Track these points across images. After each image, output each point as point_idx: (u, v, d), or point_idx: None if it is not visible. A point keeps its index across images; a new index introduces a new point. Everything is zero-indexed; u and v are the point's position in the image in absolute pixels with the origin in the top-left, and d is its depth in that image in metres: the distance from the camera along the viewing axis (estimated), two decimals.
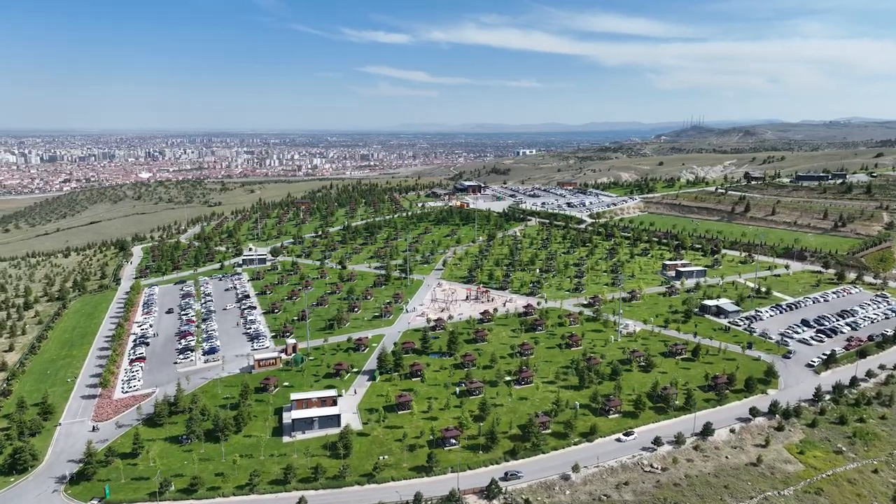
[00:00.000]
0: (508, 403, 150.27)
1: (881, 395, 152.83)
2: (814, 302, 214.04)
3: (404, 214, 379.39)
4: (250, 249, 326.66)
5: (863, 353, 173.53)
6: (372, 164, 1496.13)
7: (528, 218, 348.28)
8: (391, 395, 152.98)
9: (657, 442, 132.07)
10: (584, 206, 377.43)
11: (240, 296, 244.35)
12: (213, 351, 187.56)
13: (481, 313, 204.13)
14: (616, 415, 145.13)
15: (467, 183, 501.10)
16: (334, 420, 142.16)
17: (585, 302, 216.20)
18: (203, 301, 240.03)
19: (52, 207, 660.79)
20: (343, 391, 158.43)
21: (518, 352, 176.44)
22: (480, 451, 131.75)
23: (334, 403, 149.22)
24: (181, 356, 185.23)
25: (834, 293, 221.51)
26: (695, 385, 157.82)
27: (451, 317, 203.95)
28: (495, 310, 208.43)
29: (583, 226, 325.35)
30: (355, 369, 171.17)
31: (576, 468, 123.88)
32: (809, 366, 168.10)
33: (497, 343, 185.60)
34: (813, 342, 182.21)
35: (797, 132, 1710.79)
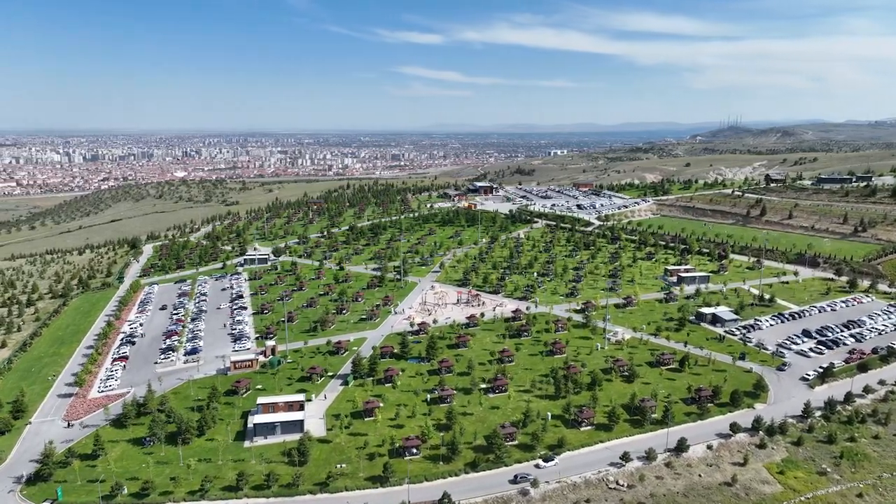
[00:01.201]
0: (479, 412, 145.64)
1: (877, 413, 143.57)
2: (819, 311, 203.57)
3: (411, 215, 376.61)
4: (255, 249, 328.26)
5: (863, 367, 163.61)
6: (402, 164, 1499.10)
7: (535, 220, 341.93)
8: (359, 400, 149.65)
9: (625, 457, 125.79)
10: (595, 208, 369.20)
11: (234, 296, 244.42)
12: (194, 351, 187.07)
13: (467, 317, 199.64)
14: (588, 427, 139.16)
15: (479, 184, 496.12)
16: (297, 425, 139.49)
17: (578, 307, 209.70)
18: (196, 300, 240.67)
19: (78, 205, 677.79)
20: (313, 396, 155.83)
21: (498, 358, 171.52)
22: (440, 462, 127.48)
23: (301, 408, 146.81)
24: (162, 356, 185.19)
25: (843, 302, 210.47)
26: (677, 397, 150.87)
27: (435, 321, 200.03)
28: (482, 314, 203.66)
29: (589, 228, 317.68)
30: (330, 373, 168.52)
31: (535, 483, 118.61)
32: (804, 379, 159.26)
33: (479, 349, 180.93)
34: (811, 354, 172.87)
35: (840, 132, 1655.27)
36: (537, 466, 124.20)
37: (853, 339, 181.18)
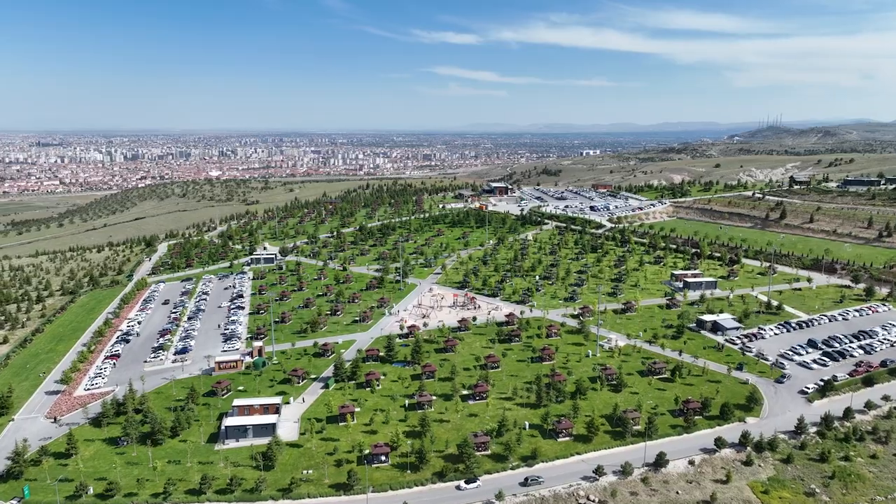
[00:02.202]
0: (455, 420, 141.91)
1: (877, 431, 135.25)
2: (830, 320, 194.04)
3: (422, 216, 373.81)
4: (264, 248, 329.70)
5: (869, 381, 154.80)
6: (433, 163, 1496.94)
7: (545, 221, 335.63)
8: (334, 405, 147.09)
9: (599, 471, 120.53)
10: (608, 209, 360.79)
11: (234, 295, 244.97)
12: (184, 351, 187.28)
13: (459, 321, 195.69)
14: (566, 438, 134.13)
15: (495, 184, 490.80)
16: (269, 429, 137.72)
17: (575, 312, 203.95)
18: (196, 299, 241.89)
19: (106, 203, 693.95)
20: (291, 399, 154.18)
21: (483, 364, 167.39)
22: (408, 471, 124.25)
23: (276, 412, 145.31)
24: (152, 355, 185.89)
25: (856, 311, 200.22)
26: (665, 409, 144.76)
27: (426, 324, 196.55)
28: (474, 318, 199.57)
29: (600, 231, 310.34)
30: (313, 376, 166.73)
31: (500, 496, 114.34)
32: (803, 393, 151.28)
33: (467, 353, 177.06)
34: (815, 366, 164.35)
35: (887, 132, 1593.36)
36: (458, 489, 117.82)
37: (862, 351, 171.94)
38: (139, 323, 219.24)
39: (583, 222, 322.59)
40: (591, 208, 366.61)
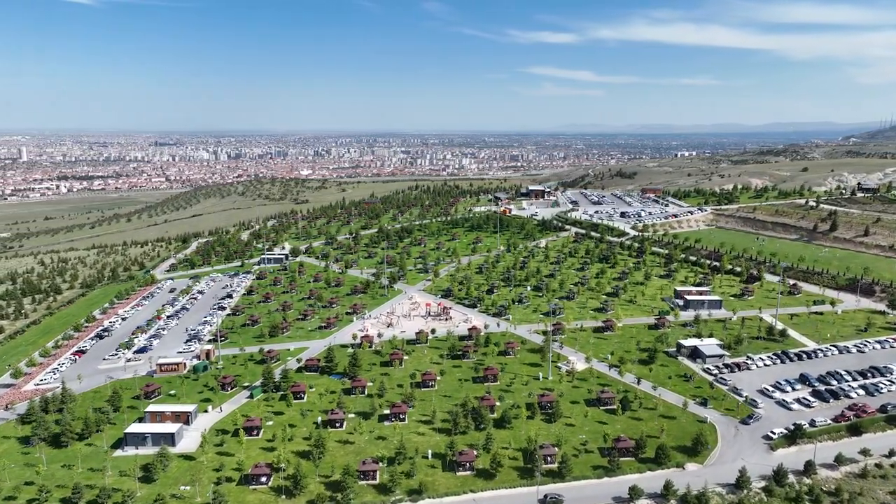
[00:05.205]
0: (361, 442, 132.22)
1: (840, 493, 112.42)
2: (840, 352, 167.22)
3: (444, 219, 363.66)
4: (282, 248, 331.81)
5: (856, 429, 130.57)
6: (519, 164, 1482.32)
7: (565, 227, 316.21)
8: (239, 417, 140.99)
9: None
10: (639, 216, 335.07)
11: (224, 295, 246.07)
12: (143, 350, 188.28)
13: (416, 333, 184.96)
14: (467, 472, 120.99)
15: (532, 187, 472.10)
16: (168, 438, 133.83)
17: (547, 328, 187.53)
18: (188, 298, 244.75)
19: (174, 201, 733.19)
20: (210, 407, 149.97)
21: (417, 382, 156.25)
22: (283, 496, 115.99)
23: (187, 421, 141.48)
24: (112, 353, 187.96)
25: (878, 342, 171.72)
26: (595, 446, 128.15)
27: (380, 334, 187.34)
28: (433, 330, 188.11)
29: (620, 239, 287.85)
30: (245, 384, 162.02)
31: None
32: (768, 438, 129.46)
33: (413, 368, 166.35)
34: (796, 406, 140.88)
35: None
36: None
37: (863, 391, 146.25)
38: (123, 319, 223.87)
39: (604, 229, 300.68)
40: (622, 214, 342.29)
